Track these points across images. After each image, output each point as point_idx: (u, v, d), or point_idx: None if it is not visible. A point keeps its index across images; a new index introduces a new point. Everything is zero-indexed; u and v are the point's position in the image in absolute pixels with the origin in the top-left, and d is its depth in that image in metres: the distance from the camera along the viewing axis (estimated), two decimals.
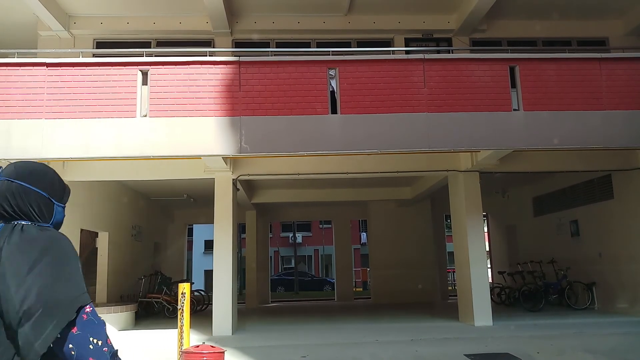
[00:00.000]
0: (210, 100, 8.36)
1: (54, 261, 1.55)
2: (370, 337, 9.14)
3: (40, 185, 1.68)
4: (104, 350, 1.56)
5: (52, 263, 1.54)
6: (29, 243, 1.56)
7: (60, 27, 10.65)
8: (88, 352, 1.52)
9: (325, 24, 11.29)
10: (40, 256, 1.54)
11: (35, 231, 1.61)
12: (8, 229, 1.60)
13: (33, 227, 1.63)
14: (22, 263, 1.52)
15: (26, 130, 8.10)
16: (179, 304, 5.26)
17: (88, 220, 11.41)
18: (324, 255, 40.53)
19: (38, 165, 1.74)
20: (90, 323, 1.56)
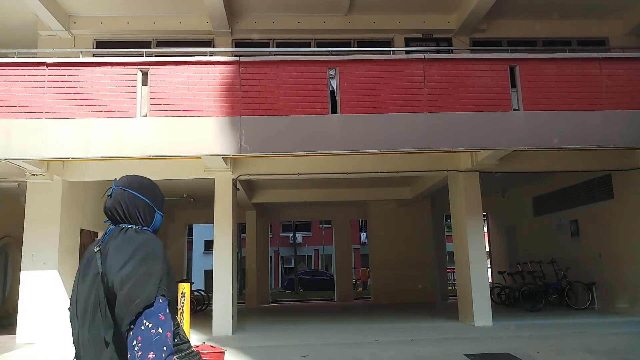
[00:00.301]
0: (210, 100, 8.36)
1: (144, 258, 1.88)
2: (370, 337, 9.14)
3: (147, 195, 2.06)
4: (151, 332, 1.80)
5: (142, 259, 1.87)
6: (127, 242, 1.92)
7: (60, 27, 10.65)
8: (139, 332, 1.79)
9: (326, 24, 11.29)
10: (133, 254, 1.88)
11: (134, 233, 1.97)
12: (117, 231, 1.99)
13: (133, 229, 1.99)
14: (119, 259, 1.87)
15: (26, 130, 8.10)
16: (179, 304, 5.25)
17: (88, 220, 11.40)
18: (324, 255, 40.54)
19: (146, 179, 2.15)
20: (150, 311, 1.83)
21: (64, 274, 10.02)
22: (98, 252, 1.98)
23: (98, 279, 1.93)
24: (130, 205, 2.03)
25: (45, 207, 9.89)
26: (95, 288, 1.93)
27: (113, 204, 2.04)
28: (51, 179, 9.81)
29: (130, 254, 1.88)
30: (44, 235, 9.81)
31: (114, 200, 2.04)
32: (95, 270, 1.95)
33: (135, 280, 1.83)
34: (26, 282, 9.71)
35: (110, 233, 2.00)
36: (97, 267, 1.95)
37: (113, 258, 1.90)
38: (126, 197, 2.04)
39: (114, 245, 1.94)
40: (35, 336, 9.43)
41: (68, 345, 6.78)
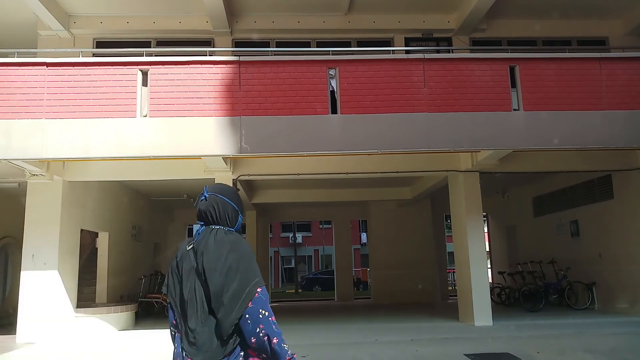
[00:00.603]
0: (210, 100, 8.36)
1: (239, 256, 2.23)
2: (370, 337, 9.14)
3: (234, 201, 2.41)
4: (270, 318, 2.19)
5: (237, 257, 2.22)
6: (220, 242, 2.27)
7: (60, 27, 10.65)
8: (259, 320, 2.16)
9: (325, 24, 11.29)
10: (228, 252, 2.23)
11: (224, 234, 2.32)
12: (207, 231, 2.32)
13: (222, 230, 2.33)
14: (219, 256, 2.21)
15: (26, 130, 8.10)
16: None
17: (88, 220, 11.40)
18: (324, 255, 40.55)
19: (232, 188, 2.53)
20: (260, 299, 2.18)
21: (64, 274, 10.02)
22: (191, 250, 2.31)
23: (193, 273, 2.25)
24: (222, 209, 2.36)
25: (46, 207, 9.89)
26: (190, 281, 2.25)
27: (207, 206, 2.37)
28: (51, 179, 9.81)
29: (228, 252, 2.23)
30: (44, 236, 9.80)
31: (208, 203, 2.37)
32: (189, 265, 2.28)
33: (241, 276, 2.18)
34: (26, 282, 9.70)
35: (202, 233, 2.33)
36: (190, 264, 2.28)
37: (212, 255, 2.23)
38: (219, 202, 2.37)
39: (210, 243, 2.27)
40: (35, 336, 9.43)
41: (68, 345, 6.70)
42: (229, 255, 2.22)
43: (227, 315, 2.16)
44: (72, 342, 9.34)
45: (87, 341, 9.52)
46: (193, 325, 2.20)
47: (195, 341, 2.19)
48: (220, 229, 2.34)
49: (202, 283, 2.23)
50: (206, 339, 2.18)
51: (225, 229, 2.35)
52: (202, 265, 2.23)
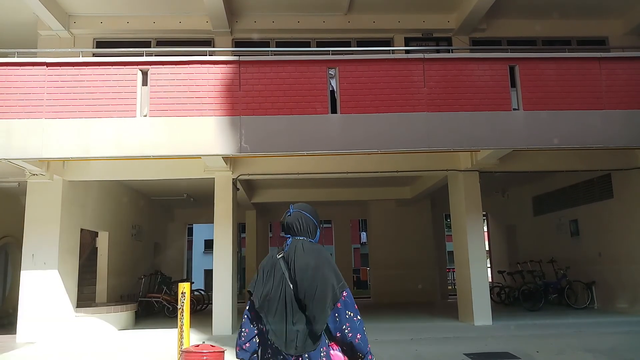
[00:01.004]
0: (210, 99, 8.36)
1: (324, 263, 2.66)
2: (370, 337, 9.08)
3: (314, 217, 2.86)
4: (354, 319, 2.60)
5: (327, 263, 2.66)
6: (308, 251, 2.70)
7: (60, 27, 10.65)
8: (345, 320, 2.57)
9: (325, 24, 11.29)
10: (315, 260, 2.66)
11: (309, 244, 2.76)
12: (294, 242, 2.76)
13: (306, 241, 2.78)
14: (309, 263, 2.64)
15: (26, 130, 8.10)
16: (179, 304, 5.27)
17: (88, 219, 11.41)
18: None
19: (312, 207, 2.91)
20: (346, 302, 2.60)
21: (64, 273, 10.03)
22: (281, 259, 2.74)
23: (284, 279, 2.67)
24: (305, 224, 2.82)
25: (46, 207, 9.90)
26: (282, 285, 2.66)
27: (293, 221, 2.82)
28: (51, 178, 9.82)
29: (315, 260, 2.67)
30: (44, 235, 9.82)
31: (293, 218, 2.83)
32: (280, 272, 2.70)
33: (329, 280, 2.61)
34: (26, 281, 9.72)
35: (290, 244, 2.78)
36: (281, 270, 2.70)
37: (301, 262, 2.66)
38: (302, 217, 2.83)
39: (299, 253, 2.71)
40: (35, 336, 9.45)
41: (68, 344, 6.69)
42: (315, 263, 2.66)
43: (319, 316, 2.56)
44: (72, 342, 9.35)
45: (87, 341, 9.52)
46: (277, 323, 2.62)
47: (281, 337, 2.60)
48: (305, 240, 2.79)
49: (292, 287, 2.65)
50: (297, 335, 2.58)
51: (308, 240, 2.81)
52: (293, 272, 2.67)
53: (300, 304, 2.61)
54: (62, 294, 9.98)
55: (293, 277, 2.65)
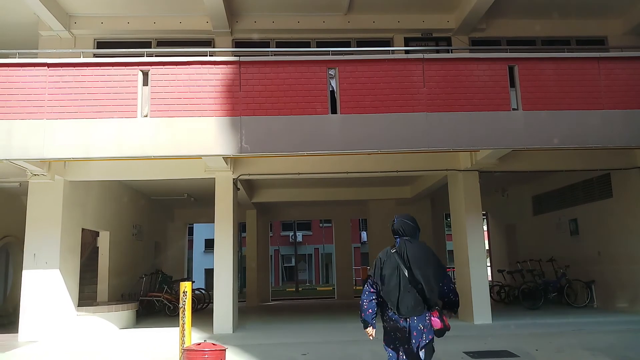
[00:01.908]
0: (210, 100, 8.40)
1: (430, 253, 4.07)
2: None
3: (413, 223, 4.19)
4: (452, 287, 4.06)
5: (430, 255, 4.06)
6: (415, 247, 4.05)
7: (61, 27, 10.69)
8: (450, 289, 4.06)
9: (325, 24, 11.33)
10: (423, 252, 4.02)
11: (416, 243, 4.11)
12: (403, 241, 4.09)
13: (413, 240, 4.10)
14: (421, 259, 3.96)
15: (28, 131, 8.14)
16: (181, 303, 5.31)
17: (89, 219, 11.45)
18: (324, 254, 40.60)
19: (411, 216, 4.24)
20: (448, 276, 4.06)
21: (66, 273, 10.08)
22: (395, 253, 4.10)
23: (399, 265, 4.02)
24: (407, 228, 4.18)
25: (47, 207, 9.95)
26: (397, 270, 4.02)
27: (398, 227, 4.19)
28: (52, 179, 9.87)
29: (427, 254, 4.08)
30: (46, 235, 9.87)
31: (398, 225, 4.20)
32: (395, 261, 4.05)
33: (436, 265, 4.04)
34: (28, 281, 9.77)
35: (399, 243, 4.15)
36: (396, 262, 4.04)
37: (412, 254, 4.02)
38: (404, 224, 4.19)
39: (409, 248, 4.06)
40: (37, 335, 9.50)
41: (70, 343, 6.73)
42: (425, 254, 4.05)
43: (433, 290, 3.94)
44: (74, 341, 9.40)
45: (89, 340, 9.57)
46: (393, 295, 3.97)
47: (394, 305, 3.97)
48: (409, 239, 4.13)
49: (407, 271, 3.98)
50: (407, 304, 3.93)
51: (412, 239, 4.14)
52: (407, 261, 3.99)
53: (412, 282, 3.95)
54: (64, 293, 10.02)
55: (407, 265, 3.99)
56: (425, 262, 3.99)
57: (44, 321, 9.63)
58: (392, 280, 3.98)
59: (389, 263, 4.06)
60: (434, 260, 4.04)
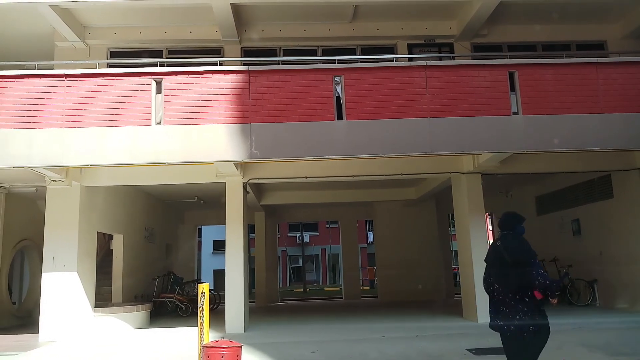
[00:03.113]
0: (221, 108, 8.75)
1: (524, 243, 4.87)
2: (377, 334, 9.51)
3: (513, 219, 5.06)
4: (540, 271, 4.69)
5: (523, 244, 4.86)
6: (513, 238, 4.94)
7: (76, 38, 11.07)
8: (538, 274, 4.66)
9: (331, 31, 11.64)
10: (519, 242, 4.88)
11: (512, 234, 4.97)
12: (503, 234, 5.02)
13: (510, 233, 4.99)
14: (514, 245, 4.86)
15: (47, 139, 8.53)
16: (199, 303, 5.66)
17: (104, 223, 11.83)
18: (331, 254, 40.89)
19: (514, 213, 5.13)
20: (537, 263, 4.74)
21: (83, 275, 10.46)
22: (499, 242, 4.96)
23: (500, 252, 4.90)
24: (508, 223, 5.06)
25: (64, 212, 10.33)
26: (498, 255, 4.92)
27: (501, 222, 5.12)
28: (70, 184, 10.25)
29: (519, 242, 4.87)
30: (64, 238, 10.24)
31: (502, 220, 5.12)
32: (498, 253, 4.92)
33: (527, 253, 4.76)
34: (47, 283, 10.14)
35: (502, 235, 5.02)
36: (499, 252, 4.91)
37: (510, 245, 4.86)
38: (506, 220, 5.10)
39: (509, 240, 4.92)
40: (56, 334, 9.87)
41: (88, 342, 7.14)
42: (519, 243, 4.87)
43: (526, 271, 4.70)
44: (92, 340, 9.77)
45: (107, 339, 9.94)
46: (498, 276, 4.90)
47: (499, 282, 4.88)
48: (509, 233, 4.99)
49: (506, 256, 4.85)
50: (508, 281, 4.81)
51: (511, 232, 4.99)
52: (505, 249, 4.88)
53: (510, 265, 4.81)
54: (81, 295, 10.40)
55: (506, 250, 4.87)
56: (520, 250, 4.83)
57: (63, 322, 10.01)
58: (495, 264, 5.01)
59: (494, 250, 5.13)
60: (526, 249, 4.84)
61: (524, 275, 4.73)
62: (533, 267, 4.75)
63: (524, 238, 4.98)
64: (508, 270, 4.84)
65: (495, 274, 4.98)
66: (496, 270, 4.98)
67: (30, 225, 12.77)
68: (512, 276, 4.83)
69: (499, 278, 4.93)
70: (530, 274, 4.72)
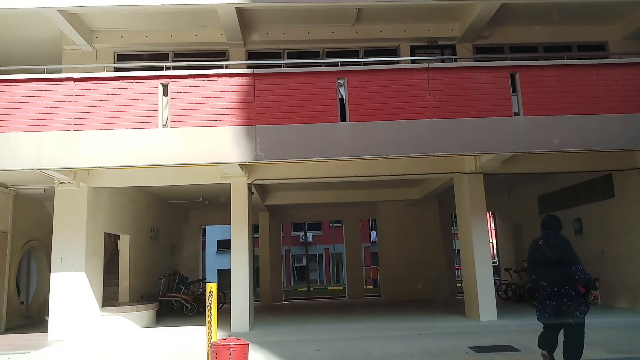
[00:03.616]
0: (227, 110, 8.90)
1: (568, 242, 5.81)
2: (380, 332, 9.65)
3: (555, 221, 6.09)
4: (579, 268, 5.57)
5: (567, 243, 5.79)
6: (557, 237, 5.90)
7: (84, 42, 11.24)
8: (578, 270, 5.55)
9: (334, 34, 11.78)
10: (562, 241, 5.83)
11: (559, 235, 5.94)
12: (547, 233, 5.99)
13: (552, 232, 5.97)
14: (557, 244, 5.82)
15: (56, 141, 8.69)
16: (207, 302, 5.82)
17: (111, 223, 12.00)
18: (334, 253, 41.02)
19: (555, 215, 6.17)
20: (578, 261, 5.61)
21: (91, 275, 10.64)
22: (542, 241, 5.87)
23: (544, 250, 5.74)
24: (550, 224, 5.97)
25: (72, 213, 10.52)
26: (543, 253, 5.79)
27: (548, 223, 6.00)
28: (78, 186, 10.42)
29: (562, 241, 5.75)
30: (72, 239, 10.43)
31: (546, 222, 6.03)
32: (542, 248, 5.80)
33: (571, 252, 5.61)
34: (56, 283, 10.32)
35: (547, 235, 5.88)
36: (543, 250, 5.76)
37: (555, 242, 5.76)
38: (549, 222, 6.00)
39: (552, 239, 5.82)
40: (65, 333, 10.06)
41: (97, 341, 7.32)
42: (562, 242, 5.62)
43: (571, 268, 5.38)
44: (101, 339, 9.96)
45: (116, 338, 10.12)
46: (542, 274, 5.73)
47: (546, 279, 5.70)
48: (552, 232, 5.79)
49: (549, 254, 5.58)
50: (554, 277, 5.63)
51: (553, 232, 5.78)
52: (550, 247, 5.60)
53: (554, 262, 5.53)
54: (89, 294, 10.58)
55: (550, 249, 5.59)
56: (564, 249, 5.58)
57: (72, 321, 10.19)
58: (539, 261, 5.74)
59: (538, 249, 5.78)
60: (570, 249, 5.57)
61: (567, 271, 5.47)
62: (574, 264, 5.47)
63: (565, 237, 5.75)
64: (552, 267, 5.56)
65: (540, 271, 5.71)
66: (541, 268, 5.70)
67: (37, 226, 12.96)
68: (556, 272, 5.55)
69: (544, 275, 5.66)
70: (571, 270, 5.44)
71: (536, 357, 7.33)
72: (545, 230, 5.86)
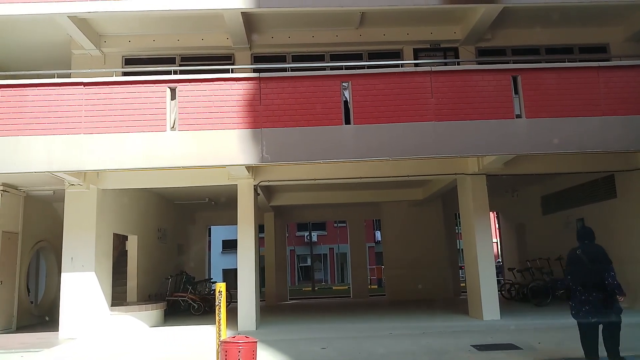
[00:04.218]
0: (233, 113, 9.09)
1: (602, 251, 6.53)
2: (384, 331, 9.81)
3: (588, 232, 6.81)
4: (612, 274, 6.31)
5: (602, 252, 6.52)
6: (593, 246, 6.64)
7: (92, 46, 11.45)
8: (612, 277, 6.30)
9: (338, 37, 11.95)
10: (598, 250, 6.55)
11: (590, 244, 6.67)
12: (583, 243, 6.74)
13: (591, 243, 6.67)
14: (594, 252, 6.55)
15: (67, 145, 8.90)
16: (217, 301, 6.00)
17: (119, 224, 12.22)
18: (339, 253, 41.18)
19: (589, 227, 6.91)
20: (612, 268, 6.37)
21: (100, 275, 10.86)
22: (580, 250, 6.58)
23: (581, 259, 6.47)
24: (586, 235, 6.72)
25: (82, 214, 10.73)
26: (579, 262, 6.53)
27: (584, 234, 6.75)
28: (88, 188, 10.63)
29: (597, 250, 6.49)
30: (82, 240, 10.65)
31: (582, 233, 6.78)
32: (579, 256, 6.51)
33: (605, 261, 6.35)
34: (66, 282, 10.53)
35: (583, 244, 6.61)
36: (579, 256, 6.51)
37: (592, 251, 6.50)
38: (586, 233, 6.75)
39: (588, 247, 6.55)
40: (75, 332, 10.27)
41: (107, 340, 7.55)
42: (598, 251, 6.41)
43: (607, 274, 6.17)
44: (110, 338, 10.16)
45: (125, 337, 10.32)
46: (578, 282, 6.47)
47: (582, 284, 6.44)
48: (587, 242, 6.57)
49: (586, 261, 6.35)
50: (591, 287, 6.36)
51: (589, 243, 6.55)
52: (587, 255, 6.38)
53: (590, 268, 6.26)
54: (99, 294, 10.79)
55: (587, 257, 6.29)
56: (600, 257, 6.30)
57: (82, 320, 10.40)
58: (578, 269, 6.42)
59: (575, 258, 6.48)
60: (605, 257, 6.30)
61: (600, 276, 6.16)
62: (606, 270, 6.18)
63: (601, 246, 6.47)
64: (588, 273, 6.28)
65: (578, 277, 6.40)
66: (578, 274, 6.40)
67: (46, 227, 13.19)
68: (591, 277, 6.26)
69: (581, 280, 6.34)
70: (603, 275, 6.15)
71: (537, 355, 7.50)
72: (581, 240, 6.61)
